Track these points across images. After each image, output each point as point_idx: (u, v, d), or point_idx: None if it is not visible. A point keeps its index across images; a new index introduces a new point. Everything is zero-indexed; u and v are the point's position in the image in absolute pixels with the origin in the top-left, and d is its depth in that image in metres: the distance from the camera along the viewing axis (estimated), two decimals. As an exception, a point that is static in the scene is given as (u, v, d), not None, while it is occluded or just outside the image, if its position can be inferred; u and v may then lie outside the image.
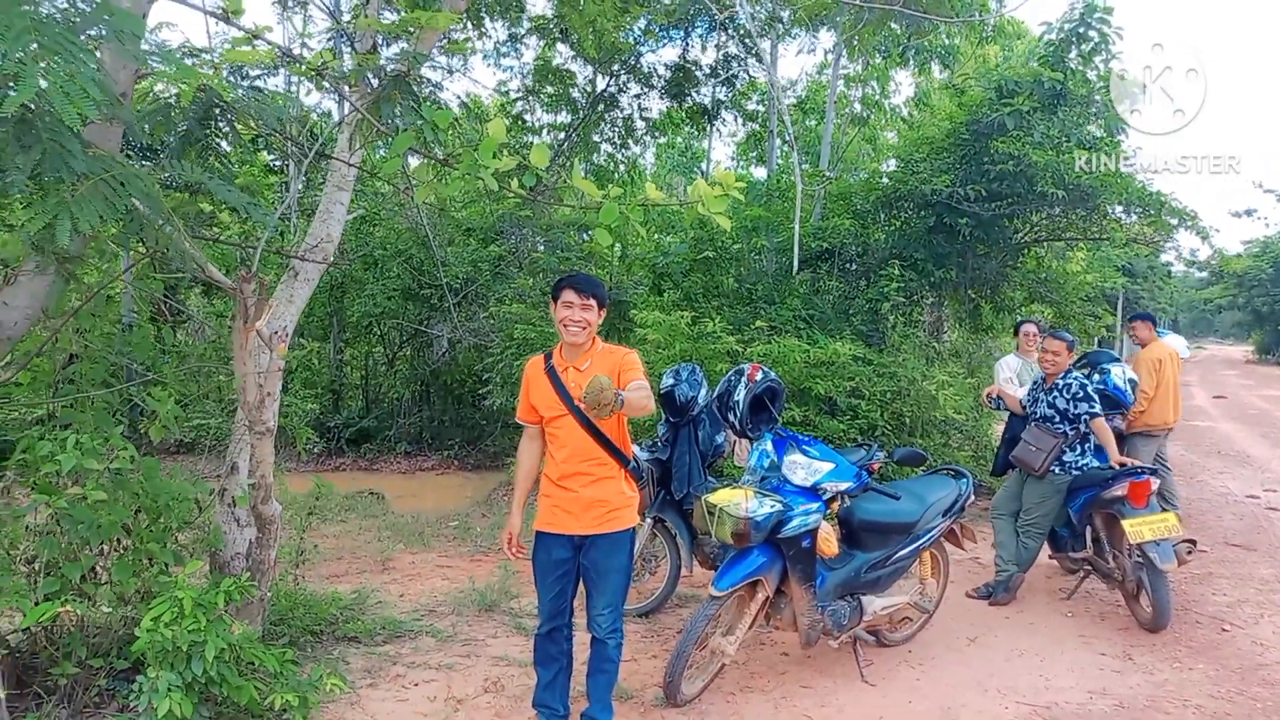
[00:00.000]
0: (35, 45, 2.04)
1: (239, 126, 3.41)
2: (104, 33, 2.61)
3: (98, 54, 2.58)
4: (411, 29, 4.47)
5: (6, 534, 3.40)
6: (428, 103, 3.95)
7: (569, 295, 3.34)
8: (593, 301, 3.35)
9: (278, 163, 12.01)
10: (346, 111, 4.27)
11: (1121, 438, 6.33)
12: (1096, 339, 29.41)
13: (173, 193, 3.31)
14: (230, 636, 3.36)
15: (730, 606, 3.94)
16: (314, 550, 5.39)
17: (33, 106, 2.26)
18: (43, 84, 2.05)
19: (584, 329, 3.34)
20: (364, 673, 4.18)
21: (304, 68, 4.07)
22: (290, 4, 11.87)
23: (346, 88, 4.31)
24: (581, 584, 3.51)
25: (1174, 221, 8.71)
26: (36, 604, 3.28)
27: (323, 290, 11.02)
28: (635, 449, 4.62)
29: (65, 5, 2.71)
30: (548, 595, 3.47)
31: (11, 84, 2.16)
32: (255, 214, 3.01)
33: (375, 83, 4.20)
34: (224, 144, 3.40)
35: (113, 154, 2.70)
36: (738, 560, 3.83)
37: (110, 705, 3.57)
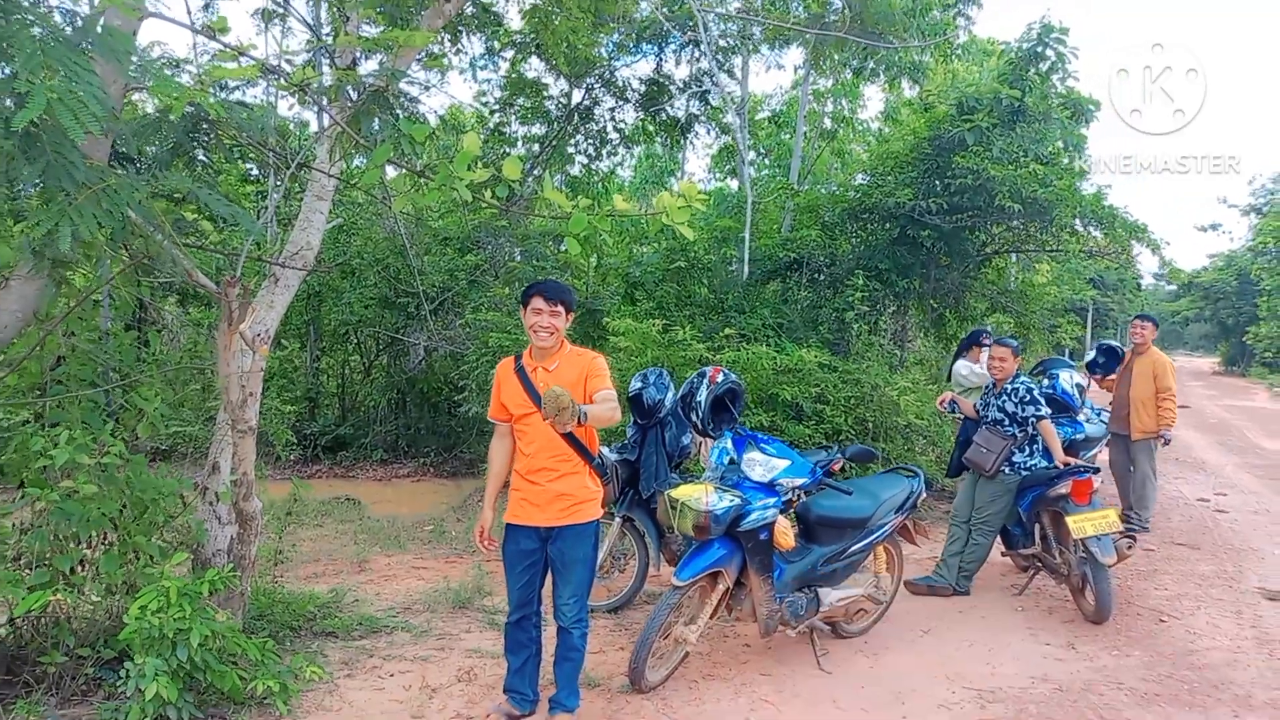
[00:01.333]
0: (41, 66, 2.22)
1: (222, 138, 3.60)
2: (95, 47, 2.80)
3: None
4: (390, 46, 4.69)
5: (-3, 528, 3.55)
6: (405, 117, 4.15)
7: (538, 302, 3.52)
8: (560, 307, 3.52)
9: (255, 172, 12.13)
10: (326, 124, 4.46)
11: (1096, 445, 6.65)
12: (1067, 350, 30.02)
13: (160, 201, 3.49)
14: (214, 624, 3.52)
15: (692, 596, 4.14)
16: (292, 550, 5.55)
17: (37, 121, 2.44)
18: (49, 101, 2.23)
19: (552, 334, 3.52)
20: (341, 664, 4.33)
21: (287, 83, 4.27)
22: (271, 17, 12.02)
23: (326, 102, 4.52)
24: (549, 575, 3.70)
25: (1125, 235, 9.06)
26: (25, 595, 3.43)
27: (300, 298, 11.12)
28: (604, 449, 4.83)
29: (60, 21, 2.91)
30: (516, 585, 3.65)
31: (14, 101, 2.35)
32: (244, 222, 3.19)
33: (354, 97, 4.41)
34: (205, 155, 3.59)
35: (106, 165, 2.88)
36: (699, 552, 4.03)
37: (97, 693, 3.71)
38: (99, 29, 3.00)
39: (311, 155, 4.72)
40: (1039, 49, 9.22)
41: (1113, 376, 7.47)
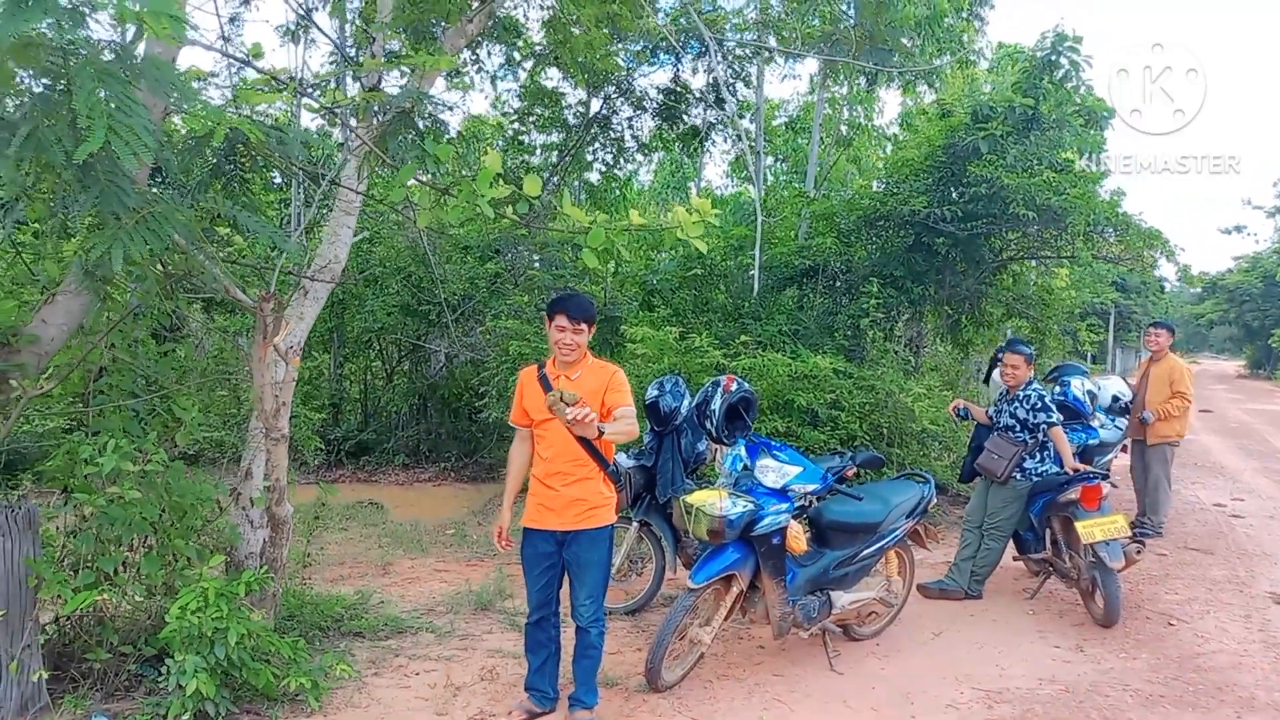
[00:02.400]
0: (102, 94, 2.40)
1: (258, 159, 3.78)
2: (142, 77, 2.98)
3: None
4: (414, 67, 4.86)
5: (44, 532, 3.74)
6: (431, 136, 4.32)
7: (561, 320, 3.70)
8: (584, 325, 3.70)
9: (277, 181, 12.39)
10: (355, 143, 4.63)
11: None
12: (1090, 355, 29.85)
13: (197, 219, 3.67)
14: (250, 624, 3.69)
15: (707, 599, 4.27)
16: (319, 553, 5.73)
17: (93, 151, 2.62)
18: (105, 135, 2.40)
19: (574, 350, 3.72)
20: (368, 663, 4.50)
21: (318, 105, 4.46)
22: (296, 34, 12.30)
23: (355, 121, 4.70)
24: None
25: (1140, 241, 9.11)
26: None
27: (325, 306, 11.31)
28: (620, 456, 4.98)
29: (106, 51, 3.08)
30: (535, 586, 3.82)
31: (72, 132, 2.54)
32: (280, 242, 3.36)
33: (379, 116, 4.59)
34: (242, 176, 3.77)
35: (150, 189, 3.06)
36: (714, 556, 4.17)
37: (139, 689, 3.90)
38: (142, 58, 3.20)
39: (332, 166, 4.90)
40: (1053, 57, 9.29)
41: None
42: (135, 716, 3.65)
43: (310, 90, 4.45)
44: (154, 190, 3.44)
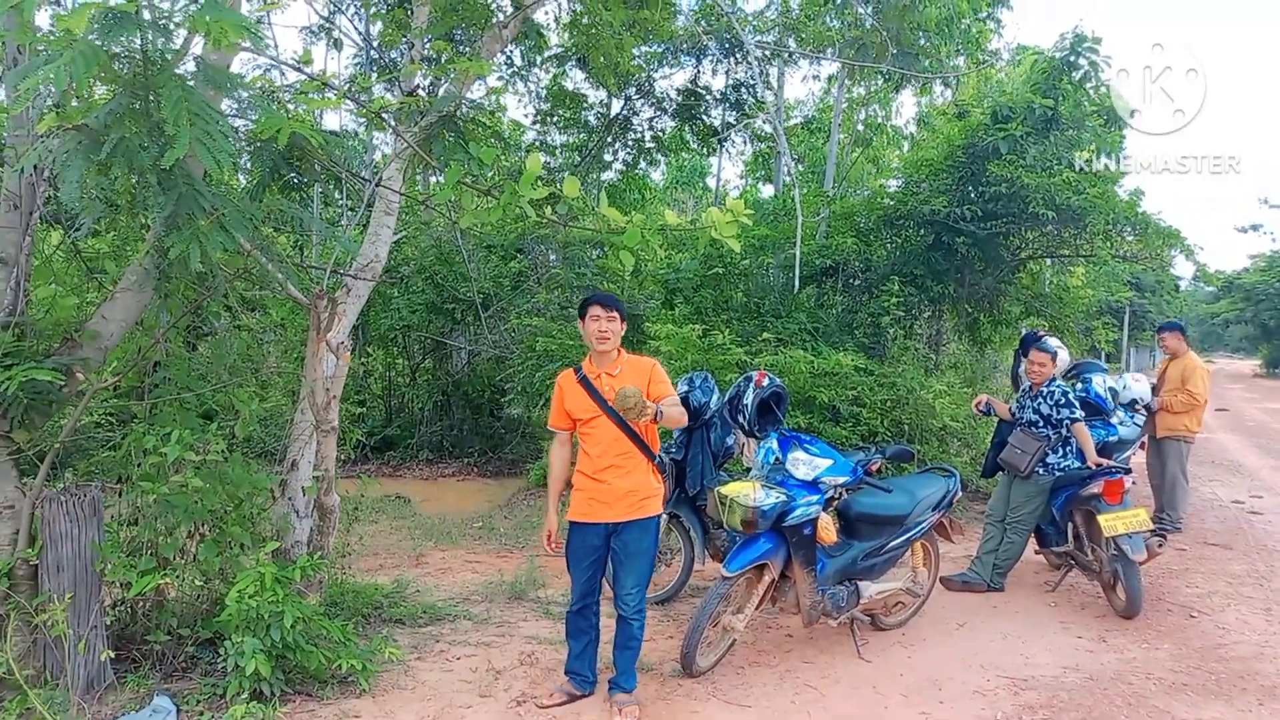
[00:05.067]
0: (185, 111, 2.55)
1: (313, 163, 3.93)
2: (212, 85, 3.14)
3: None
4: (452, 72, 5.02)
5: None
6: (475, 141, 4.47)
7: (595, 310, 3.86)
8: (615, 314, 3.88)
9: (296, 179, 12.58)
10: (399, 146, 4.78)
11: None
12: (1104, 353, 29.80)
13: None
14: (304, 607, 3.85)
15: (740, 587, 4.41)
16: (360, 543, 5.89)
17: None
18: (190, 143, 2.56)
19: (610, 339, 3.86)
20: (411, 649, 4.65)
21: (365, 109, 4.61)
22: (318, 32, 12.49)
23: (397, 124, 4.85)
24: (610, 567, 4.02)
25: (1159, 240, 9.18)
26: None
27: (351, 305, 11.53)
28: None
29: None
30: (581, 578, 3.94)
31: (156, 139, 2.69)
32: (338, 240, 3.51)
33: (419, 120, 4.74)
34: (299, 178, 3.92)
35: (223, 193, 3.22)
36: (747, 545, 4.30)
37: (195, 670, 4.07)
38: (197, 63, 3.35)
39: (360, 168, 5.06)
40: (1071, 58, 9.36)
41: None
42: (194, 695, 3.82)
43: (356, 95, 4.61)
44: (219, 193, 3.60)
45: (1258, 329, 45.96)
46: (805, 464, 4.50)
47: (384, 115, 4.43)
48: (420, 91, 5.42)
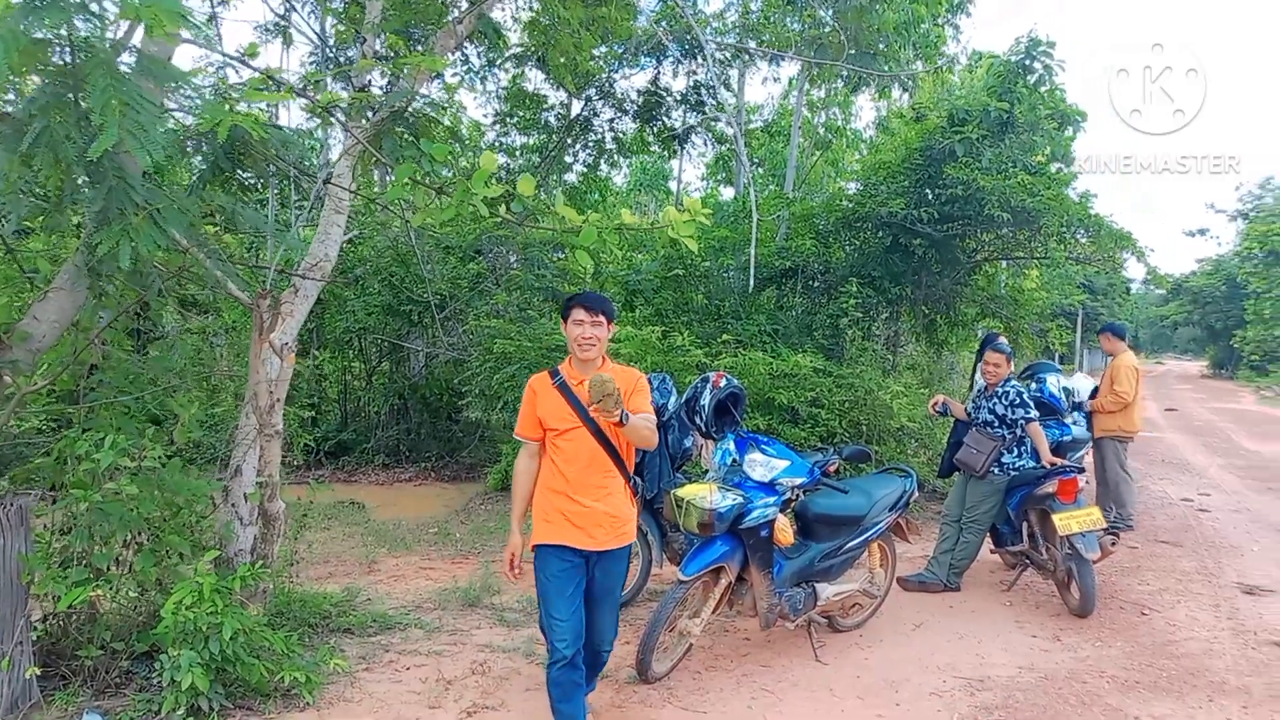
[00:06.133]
0: (114, 101, 2.43)
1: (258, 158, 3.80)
2: (150, 76, 3.01)
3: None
4: (406, 68, 4.91)
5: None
6: (427, 138, 4.36)
7: (579, 313, 3.39)
8: (602, 317, 3.41)
9: (251, 180, 12.31)
10: (348, 143, 4.66)
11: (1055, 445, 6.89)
12: (1058, 355, 30.36)
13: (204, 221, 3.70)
14: (245, 619, 3.72)
15: (696, 591, 4.35)
16: (308, 550, 5.74)
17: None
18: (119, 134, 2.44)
19: (595, 345, 3.39)
20: (359, 659, 4.52)
21: (314, 105, 4.48)
22: (278, 29, 12.23)
23: (347, 120, 4.72)
24: None
25: (1111, 242, 9.32)
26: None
27: (303, 306, 11.30)
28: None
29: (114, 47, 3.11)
30: (566, 611, 3.30)
31: (82, 129, 2.56)
32: (282, 240, 3.39)
33: (370, 116, 4.63)
34: (242, 174, 3.79)
35: (156, 187, 3.08)
36: (703, 549, 4.25)
37: (129, 686, 3.91)
38: (136, 54, 3.22)
39: (330, 171, 4.93)
40: (1027, 62, 9.48)
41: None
42: (127, 713, 3.66)
43: (304, 90, 4.48)
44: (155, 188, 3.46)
45: (1204, 331, 47.23)
46: (762, 465, 4.46)
47: (333, 111, 4.31)
48: (375, 89, 5.32)
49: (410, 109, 4.59)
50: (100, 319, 4.08)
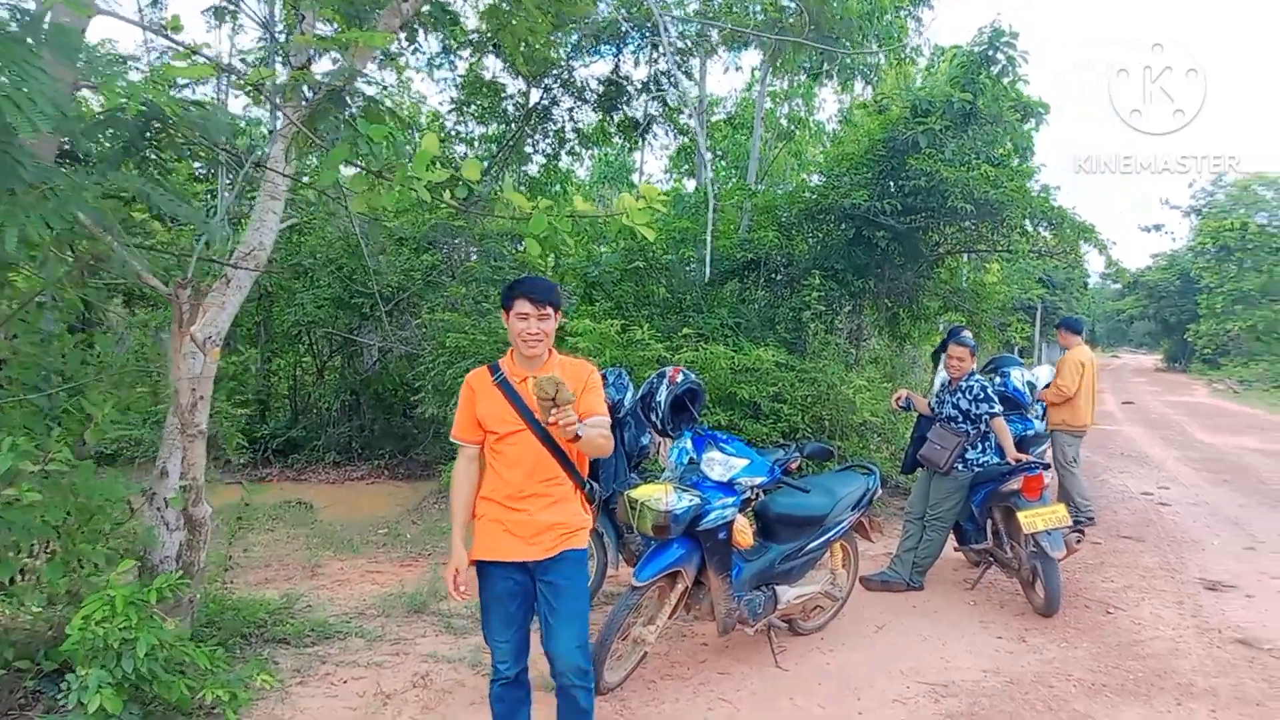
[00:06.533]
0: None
1: (175, 137, 3.51)
2: (44, 44, 2.72)
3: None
4: (346, 45, 4.62)
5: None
6: (363, 118, 4.10)
7: (523, 305, 2.98)
8: (549, 310, 3.01)
9: (203, 170, 11.88)
10: (281, 124, 4.38)
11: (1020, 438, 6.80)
12: (1018, 348, 30.69)
13: (110, 201, 3.41)
14: (162, 633, 3.44)
15: (651, 597, 4.14)
16: (243, 555, 5.45)
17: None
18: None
19: (541, 341, 3.02)
20: (293, 672, 4.26)
21: (242, 82, 4.19)
22: (222, 15, 11.80)
23: (281, 101, 4.44)
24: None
25: (1074, 235, 9.27)
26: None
27: (251, 299, 10.91)
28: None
29: (5, 16, 2.82)
30: (505, 632, 3.06)
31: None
32: (196, 222, 3.12)
33: (310, 96, 4.34)
34: (158, 154, 3.50)
35: (54, 164, 2.80)
36: (658, 552, 4.04)
37: (36, 707, 3.61)
38: (46, 25, 2.93)
39: (265, 154, 4.64)
40: (990, 53, 9.39)
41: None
42: (34, 736, 3.38)
43: (233, 69, 4.19)
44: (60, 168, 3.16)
45: (1159, 325, 48.10)
46: (720, 464, 4.27)
47: (263, 89, 4.03)
48: (315, 73, 5.02)
49: (348, 88, 4.32)
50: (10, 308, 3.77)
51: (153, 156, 3.50)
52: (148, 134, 3.45)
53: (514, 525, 3.01)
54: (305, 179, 5.83)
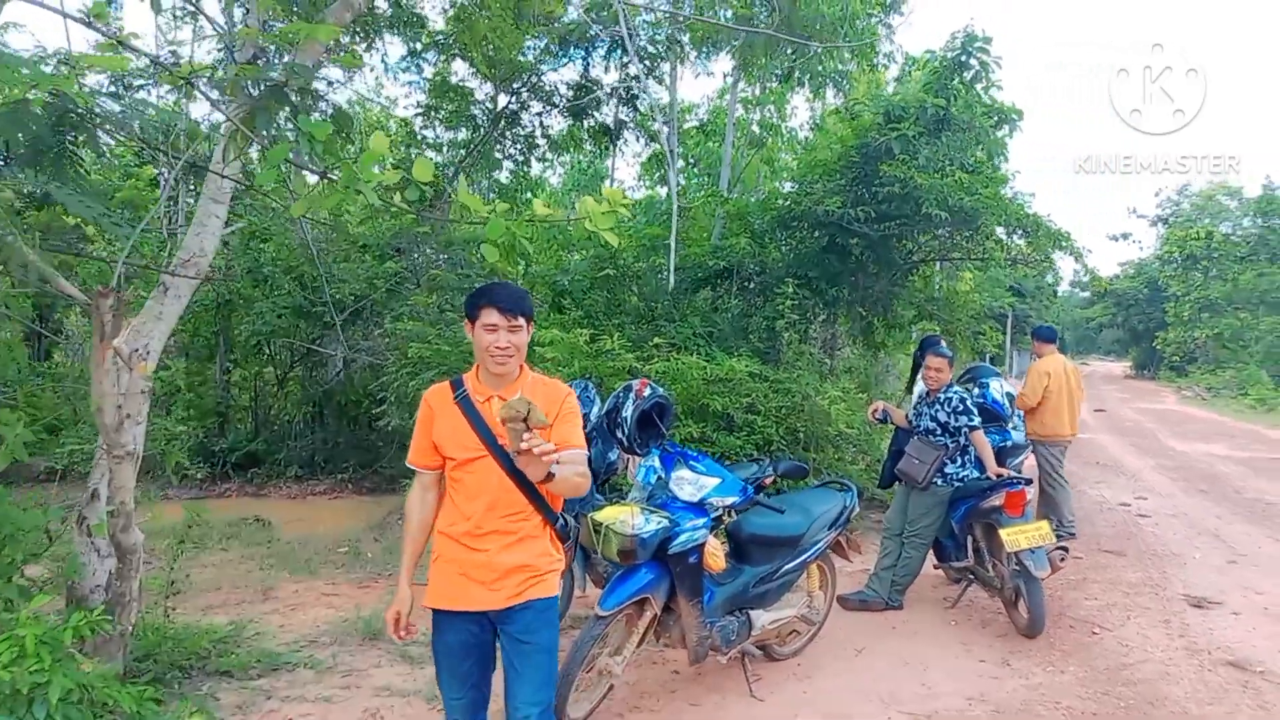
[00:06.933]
0: None
1: (112, 136, 3.23)
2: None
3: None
4: (293, 40, 4.35)
5: None
6: (308, 115, 3.83)
7: (491, 315, 2.64)
8: (521, 320, 2.67)
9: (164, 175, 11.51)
10: (223, 122, 4.10)
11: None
12: (989, 356, 30.82)
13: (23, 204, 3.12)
14: (80, 675, 3.14)
15: (618, 625, 3.89)
16: (185, 581, 5.13)
17: None
18: None
19: (511, 356, 2.67)
20: (235, 709, 3.97)
21: (174, 75, 3.92)
22: (178, 15, 11.44)
23: (221, 97, 4.16)
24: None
25: (1049, 242, 9.16)
26: None
27: (209, 309, 10.57)
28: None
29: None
30: (459, 689, 2.74)
31: None
32: (109, 227, 2.84)
33: (254, 92, 4.06)
34: (74, 151, 3.21)
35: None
36: (624, 578, 3.79)
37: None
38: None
39: (196, 153, 4.35)
40: (963, 58, 9.27)
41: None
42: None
43: (163, 62, 3.92)
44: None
45: (1128, 333, 48.61)
46: (690, 484, 4.03)
47: (197, 83, 3.75)
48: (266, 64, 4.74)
49: (292, 84, 4.05)
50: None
51: (73, 155, 3.20)
52: (61, 129, 3.16)
53: (472, 568, 2.65)
54: (253, 183, 5.54)
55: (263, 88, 3.92)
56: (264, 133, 3.80)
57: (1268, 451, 14.45)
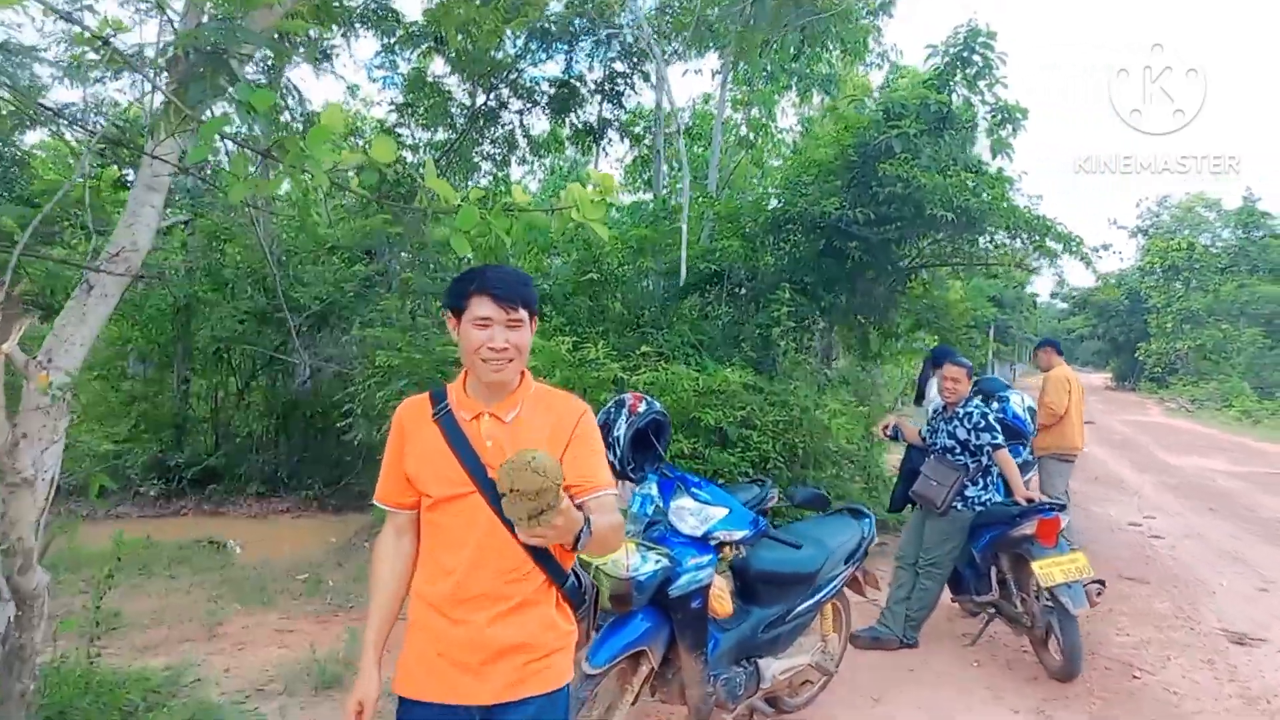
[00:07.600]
0: None
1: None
2: None
3: None
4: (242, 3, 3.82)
5: None
6: (248, 85, 3.29)
7: (484, 306, 1.95)
8: (522, 313, 1.98)
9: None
10: (159, 97, 3.54)
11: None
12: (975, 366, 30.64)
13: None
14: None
15: (610, 682, 3.34)
16: (116, 618, 4.52)
17: None
18: None
19: (510, 360, 1.97)
20: (161, 779, 3.38)
21: (89, 36, 3.36)
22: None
23: (155, 70, 3.62)
24: None
25: (1058, 246, 8.73)
26: None
27: (166, 314, 9.94)
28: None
29: None
30: None
31: None
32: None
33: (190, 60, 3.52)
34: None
35: None
36: (617, 628, 3.23)
37: None
38: None
39: (109, 127, 3.77)
40: (965, 53, 8.84)
41: None
42: None
43: (73, 18, 3.36)
44: None
45: (1108, 344, 48.67)
46: (693, 515, 3.49)
47: (112, 45, 3.19)
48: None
49: (233, 50, 3.50)
50: None
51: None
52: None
53: (453, 647, 1.95)
54: (183, 164, 4.95)
55: (195, 53, 3.38)
56: (196, 105, 3.25)
57: (1266, 466, 14.16)
